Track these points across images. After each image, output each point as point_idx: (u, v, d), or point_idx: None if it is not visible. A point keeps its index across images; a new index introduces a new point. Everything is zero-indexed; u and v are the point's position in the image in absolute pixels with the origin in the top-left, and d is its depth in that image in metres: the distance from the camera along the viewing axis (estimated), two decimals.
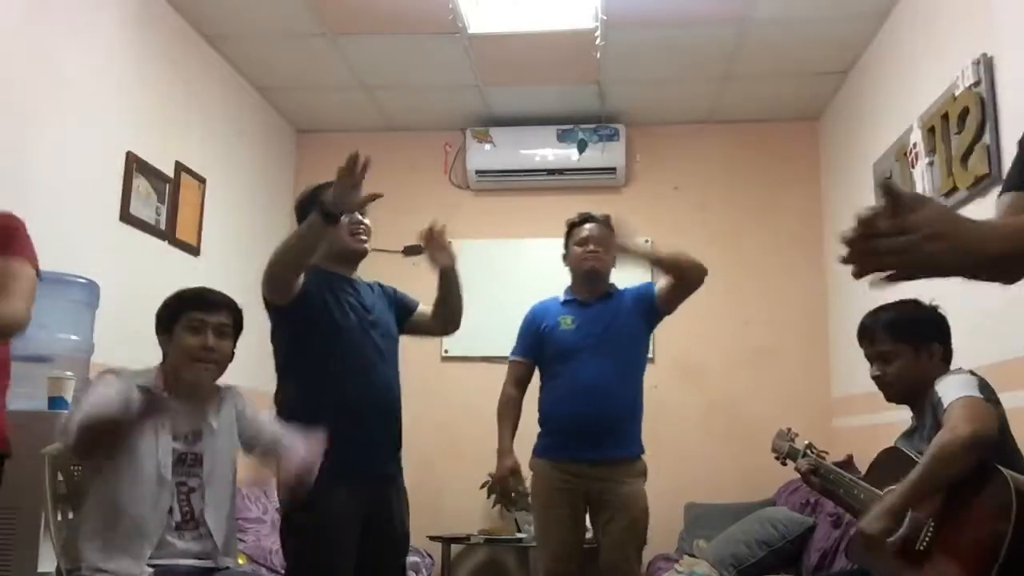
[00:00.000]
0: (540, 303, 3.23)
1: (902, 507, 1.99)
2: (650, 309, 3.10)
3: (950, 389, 2.05)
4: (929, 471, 1.94)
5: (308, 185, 2.70)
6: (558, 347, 3.07)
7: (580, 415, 2.97)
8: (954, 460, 1.91)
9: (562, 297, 3.19)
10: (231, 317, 2.36)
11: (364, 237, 2.62)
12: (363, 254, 2.65)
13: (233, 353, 2.38)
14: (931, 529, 1.98)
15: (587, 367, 2.98)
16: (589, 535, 3.14)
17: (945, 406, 2.01)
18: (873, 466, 2.31)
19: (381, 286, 2.78)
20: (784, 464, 2.59)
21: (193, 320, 2.29)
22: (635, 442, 3.06)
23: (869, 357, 2.34)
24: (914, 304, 2.34)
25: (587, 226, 3.12)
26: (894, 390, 2.29)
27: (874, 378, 2.33)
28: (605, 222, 3.13)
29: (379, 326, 2.60)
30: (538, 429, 3.13)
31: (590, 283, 3.11)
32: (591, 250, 3.07)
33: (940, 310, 2.31)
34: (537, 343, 3.13)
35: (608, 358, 3.00)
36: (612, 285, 3.17)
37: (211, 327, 2.29)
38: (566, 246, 3.18)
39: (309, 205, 2.49)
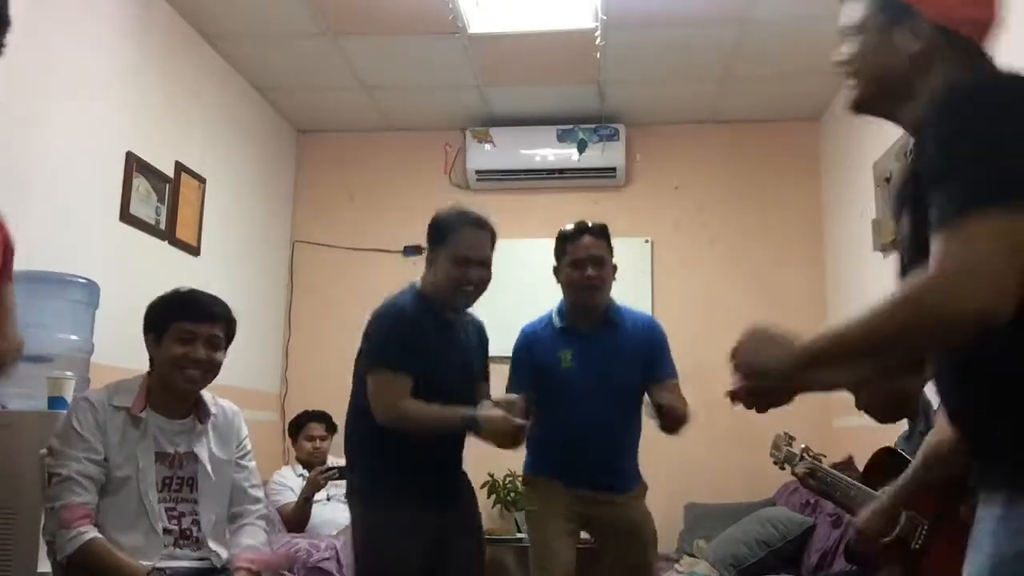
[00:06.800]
0: (531, 328, 2.85)
1: (894, 507, 2.05)
2: (647, 373, 2.83)
3: None
4: (919, 472, 1.98)
5: (451, 207, 2.58)
6: (556, 386, 2.72)
7: (579, 456, 2.73)
8: (943, 461, 1.94)
9: (556, 321, 2.81)
10: (224, 328, 2.28)
11: (470, 290, 2.51)
12: (463, 307, 2.60)
13: (222, 359, 2.31)
14: (925, 528, 2.00)
15: (586, 406, 2.70)
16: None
17: (935, 407, 2.03)
18: (870, 466, 2.34)
19: (480, 328, 2.75)
20: (783, 469, 2.61)
21: (184, 332, 2.20)
22: (635, 474, 2.88)
23: None
24: None
25: (583, 241, 2.72)
26: (874, 414, 2.41)
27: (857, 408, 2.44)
28: (602, 233, 2.76)
29: (470, 372, 2.61)
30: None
31: (585, 315, 2.78)
32: (587, 276, 2.69)
33: None
34: (534, 377, 2.74)
35: (610, 396, 2.73)
36: (611, 305, 2.81)
37: (202, 339, 2.22)
38: (557, 260, 2.79)
39: (441, 233, 2.50)
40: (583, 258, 2.70)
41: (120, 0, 3.53)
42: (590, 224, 2.77)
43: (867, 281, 4.16)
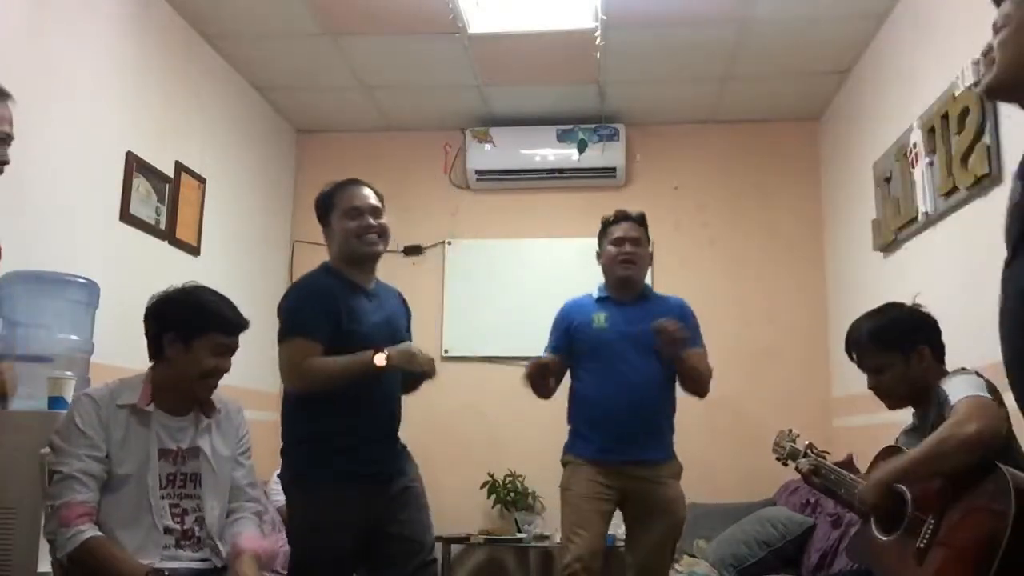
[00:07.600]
0: (573, 300, 3.14)
1: (892, 480, 2.09)
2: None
3: (958, 388, 2.06)
4: (928, 456, 1.99)
5: (326, 184, 2.70)
6: (589, 343, 2.98)
7: (614, 412, 2.89)
8: (955, 454, 1.94)
9: (596, 294, 3.10)
10: None
11: (373, 237, 2.61)
12: (374, 256, 2.65)
13: None
14: (931, 526, 1.99)
15: (621, 364, 2.90)
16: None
17: (952, 403, 2.02)
18: (873, 464, 2.32)
19: (400, 296, 2.81)
20: (785, 465, 2.61)
21: (220, 345, 2.22)
22: (669, 444, 3.01)
23: (861, 369, 2.39)
24: (894, 308, 2.37)
25: (622, 224, 3.04)
26: (893, 398, 2.35)
27: (871, 389, 2.38)
28: (640, 220, 3.07)
29: (394, 333, 2.62)
30: (567, 427, 3.05)
31: (624, 287, 3.05)
32: (626, 252, 3.00)
33: (923, 309, 2.35)
34: (567, 339, 3.05)
35: (642, 357, 2.91)
36: (647, 287, 3.15)
37: (232, 351, 2.26)
38: (600, 244, 3.10)
39: (324, 205, 2.63)
40: (622, 237, 3.02)
41: (120, 0, 3.53)
42: (630, 212, 3.09)
43: (867, 281, 4.16)
